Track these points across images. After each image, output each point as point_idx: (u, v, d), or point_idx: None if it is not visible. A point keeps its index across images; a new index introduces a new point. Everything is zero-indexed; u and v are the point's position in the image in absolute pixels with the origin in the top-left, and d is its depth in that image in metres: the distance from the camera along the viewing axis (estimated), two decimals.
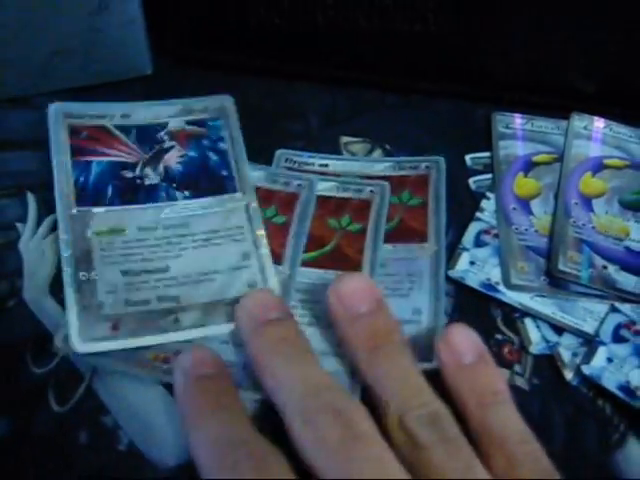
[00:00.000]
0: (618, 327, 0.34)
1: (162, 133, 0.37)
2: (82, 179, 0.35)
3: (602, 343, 0.33)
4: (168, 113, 0.38)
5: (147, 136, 0.37)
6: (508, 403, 0.26)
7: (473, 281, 0.35)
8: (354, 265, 0.35)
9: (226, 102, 0.39)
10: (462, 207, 0.39)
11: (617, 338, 0.33)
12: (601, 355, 0.33)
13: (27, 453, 0.29)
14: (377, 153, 0.41)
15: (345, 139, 0.42)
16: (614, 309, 0.35)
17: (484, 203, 0.39)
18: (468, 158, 0.41)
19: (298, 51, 0.44)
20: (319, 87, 0.44)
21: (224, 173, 0.36)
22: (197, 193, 0.36)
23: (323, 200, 0.38)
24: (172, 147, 0.37)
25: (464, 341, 0.28)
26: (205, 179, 0.36)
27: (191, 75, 0.44)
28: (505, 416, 0.26)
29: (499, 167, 0.41)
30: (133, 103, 0.39)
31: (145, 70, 0.44)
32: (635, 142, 0.42)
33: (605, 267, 0.36)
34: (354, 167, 0.40)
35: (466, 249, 0.37)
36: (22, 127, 0.41)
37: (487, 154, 0.41)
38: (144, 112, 0.38)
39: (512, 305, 0.35)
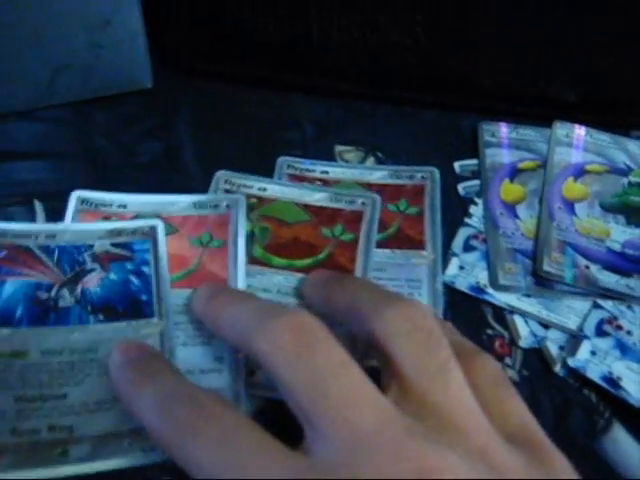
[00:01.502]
0: (601, 322, 0.36)
1: (86, 255, 0.35)
2: None
3: (586, 337, 0.35)
4: (96, 235, 0.36)
5: (69, 257, 0.35)
6: None
7: (462, 285, 0.37)
8: (346, 273, 0.36)
9: (157, 223, 0.37)
10: (452, 211, 0.41)
11: (600, 332, 0.35)
12: (585, 348, 0.35)
13: None
14: (370, 161, 0.43)
15: (339, 148, 0.44)
16: (597, 305, 0.37)
17: (472, 209, 0.41)
18: (457, 165, 0.43)
19: (294, 62, 0.46)
20: (314, 97, 0.46)
21: (143, 298, 0.34)
22: (112, 317, 0.33)
23: (318, 209, 0.39)
24: (93, 269, 0.35)
25: None
26: (123, 303, 0.34)
27: (190, 86, 0.46)
28: None
29: (486, 174, 0.43)
30: (60, 224, 0.37)
31: (145, 83, 0.45)
32: (614, 148, 0.44)
33: (588, 267, 0.38)
34: (354, 175, 0.42)
35: (455, 254, 0.39)
36: (27, 139, 0.43)
37: (475, 161, 0.43)
38: (70, 233, 0.36)
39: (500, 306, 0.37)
